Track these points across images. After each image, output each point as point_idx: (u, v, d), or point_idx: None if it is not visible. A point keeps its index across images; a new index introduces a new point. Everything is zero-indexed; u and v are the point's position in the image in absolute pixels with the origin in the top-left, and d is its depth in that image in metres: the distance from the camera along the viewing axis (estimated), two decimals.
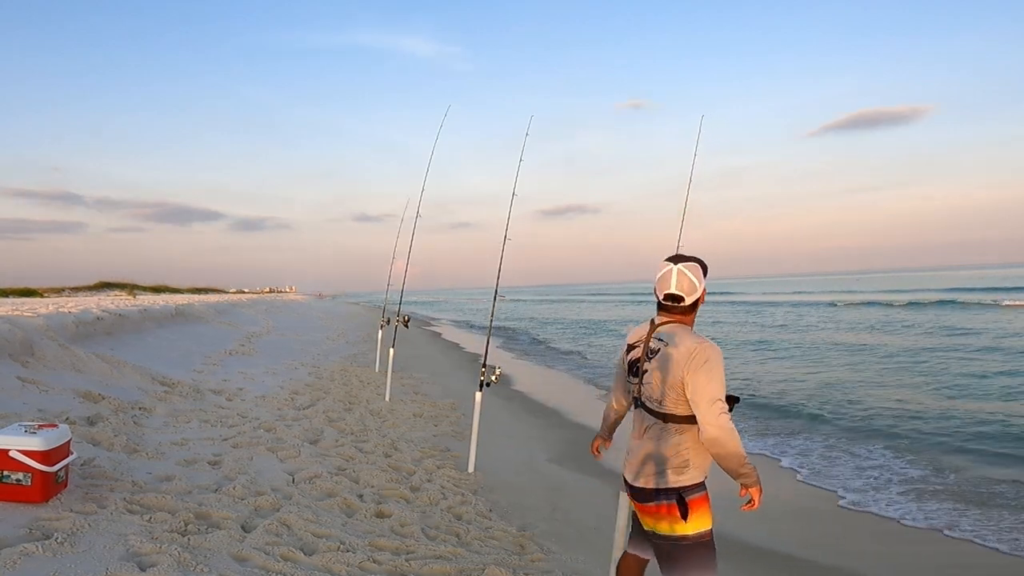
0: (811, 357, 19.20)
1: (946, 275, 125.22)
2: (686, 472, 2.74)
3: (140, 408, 7.27)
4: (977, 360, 16.74)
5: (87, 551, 3.46)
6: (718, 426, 2.61)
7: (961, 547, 5.58)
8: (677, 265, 2.83)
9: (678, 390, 2.70)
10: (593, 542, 4.95)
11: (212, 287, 79.95)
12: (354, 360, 15.32)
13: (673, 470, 2.74)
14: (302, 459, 6.11)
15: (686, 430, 2.73)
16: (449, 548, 4.35)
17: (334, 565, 3.82)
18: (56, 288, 56.87)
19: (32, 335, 8.49)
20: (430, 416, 9.18)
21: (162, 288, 61.42)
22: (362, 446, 6.95)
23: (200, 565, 3.50)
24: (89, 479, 4.63)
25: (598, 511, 5.64)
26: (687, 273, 2.82)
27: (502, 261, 6.85)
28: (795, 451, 8.65)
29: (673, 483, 2.74)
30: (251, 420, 7.61)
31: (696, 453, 2.74)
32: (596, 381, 15.54)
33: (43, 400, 6.65)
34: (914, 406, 11.47)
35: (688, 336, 2.75)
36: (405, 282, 11.52)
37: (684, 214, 4.23)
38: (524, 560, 4.40)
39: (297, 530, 4.29)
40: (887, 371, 15.74)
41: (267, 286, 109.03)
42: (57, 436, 4.10)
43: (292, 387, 10.51)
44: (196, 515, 4.25)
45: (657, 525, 2.79)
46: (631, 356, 2.95)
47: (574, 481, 6.95)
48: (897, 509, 6.44)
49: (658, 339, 2.81)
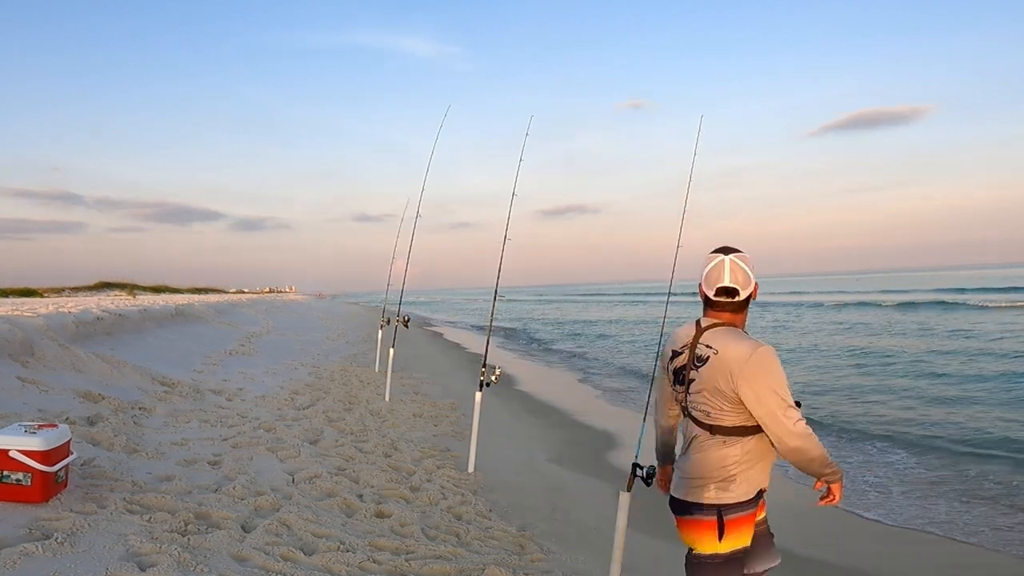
0: (801, 358, 19.19)
1: (946, 275, 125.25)
2: (730, 489, 2.52)
3: (140, 408, 7.27)
4: (976, 361, 16.73)
5: (87, 551, 3.46)
6: (798, 435, 2.38)
7: (961, 547, 5.58)
8: (729, 256, 2.56)
9: (730, 400, 2.48)
10: (593, 542, 4.95)
11: (212, 287, 79.91)
12: (354, 360, 15.32)
13: (717, 485, 2.53)
14: (302, 459, 6.11)
15: (734, 443, 2.52)
16: (449, 548, 4.35)
17: (334, 565, 3.82)
18: (56, 288, 56.84)
19: (32, 335, 8.49)
20: (430, 416, 9.18)
21: (162, 288, 61.39)
22: (362, 446, 6.95)
23: (200, 565, 3.50)
24: (89, 479, 4.63)
25: (598, 511, 5.64)
26: (740, 264, 2.56)
27: (502, 261, 6.86)
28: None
29: (713, 499, 2.53)
30: (251, 420, 7.61)
31: (745, 468, 2.52)
32: (596, 381, 15.54)
33: (43, 400, 6.65)
34: (913, 407, 11.48)
35: (739, 339, 2.51)
36: (405, 282, 11.52)
37: (684, 214, 4.22)
38: (524, 560, 4.40)
39: (297, 530, 4.29)
40: (887, 372, 15.74)
41: (267, 286, 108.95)
42: (57, 436, 4.10)
43: (292, 387, 10.50)
44: (196, 515, 4.25)
45: (695, 542, 2.59)
46: (676, 363, 2.69)
47: (574, 481, 6.95)
48: (897, 509, 6.44)
49: (706, 344, 2.56)
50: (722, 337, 2.54)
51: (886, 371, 15.77)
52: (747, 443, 2.51)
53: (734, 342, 2.50)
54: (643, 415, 3.80)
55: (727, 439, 2.52)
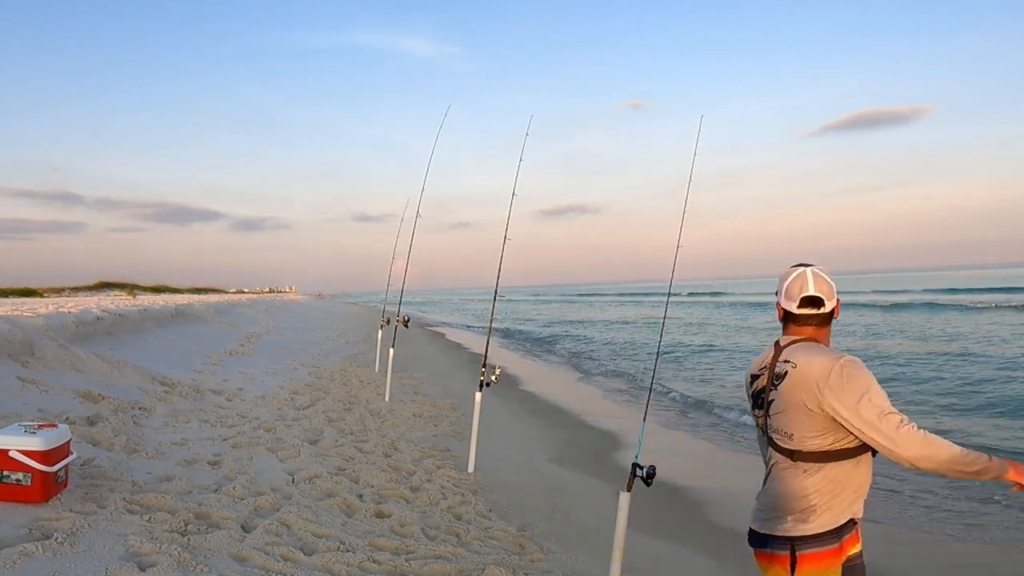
0: None
1: (945, 275, 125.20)
2: (809, 521, 2.30)
3: (140, 408, 7.27)
4: (976, 361, 16.72)
5: (87, 551, 3.46)
6: (907, 442, 2.16)
7: (961, 547, 5.58)
8: (810, 267, 2.45)
9: (814, 420, 2.29)
10: (593, 542, 4.95)
11: (212, 287, 79.94)
12: (354, 360, 15.32)
13: (793, 516, 2.33)
14: (302, 459, 6.11)
15: (816, 471, 2.31)
16: (449, 548, 4.35)
17: (334, 565, 3.82)
18: (56, 288, 56.85)
19: (32, 335, 8.49)
20: (430, 416, 9.18)
21: (162, 288, 61.39)
22: (362, 446, 6.95)
23: (200, 565, 3.51)
24: (89, 479, 4.63)
25: (598, 511, 5.64)
26: (823, 275, 2.43)
27: (502, 261, 6.86)
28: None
29: (788, 531, 2.33)
30: (251, 420, 7.61)
31: (828, 497, 2.31)
32: (596, 381, 15.54)
33: (43, 400, 6.65)
34: (912, 409, 11.47)
35: (821, 352, 2.35)
36: (405, 282, 11.53)
37: (684, 214, 4.22)
38: (524, 560, 4.40)
39: (297, 530, 4.29)
40: (883, 372, 15.74)
41: (267, 286, 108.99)
42: (57, 436, 4.10)
43: (292, 387, 10.51)
44: (196, 515, 4.25)
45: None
46: (755, 386, 2.53)
47: (574, 481, 6.95)
48: (898, 508, 6.44)
49: (784, 360, 2.41)
50: (802, 351, 2.39)
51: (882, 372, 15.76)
52: (830, 470, 2.31)
53: (816, 355, 2.34)
54: (643, 415, 3.80)
55: (808, 467, 2.33)
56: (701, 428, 10.21)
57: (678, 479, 6.95)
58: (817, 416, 2.28)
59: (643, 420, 3.75)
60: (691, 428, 10.23)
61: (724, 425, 10.35)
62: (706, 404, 11.90)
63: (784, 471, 2.39)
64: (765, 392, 2.45)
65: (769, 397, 2.43)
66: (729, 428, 10.13)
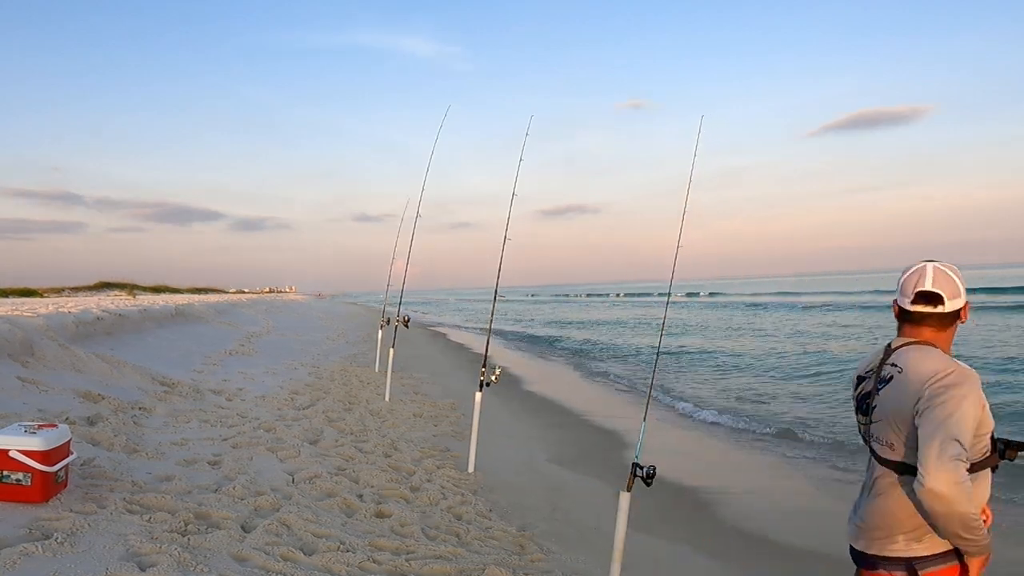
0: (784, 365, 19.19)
1: None
2: (924, 539, 2.10)
3: (140, 408, 7.27)
4: (976, 362, 16.73)
5: (87, 551, 3.46)
6: (944, 479, 1.90)
7: None
8: (933, 262, 2.20)
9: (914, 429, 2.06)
10: (593, 542, 4.95)
11: (212, 287, 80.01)
12: (354, 360, 15.32)
13: (905, 535, 2.13)
14: (302, 459, 6.11)
15: None
16: (449, 548, 4.35)
17: (334, 565, 3.82)
18: (56, 288, 56.89)
19: (32, 335, 8.49)
20: (430, 416, 9.18)
21: (162, 288, 61.43)
22: (362, 446, 6.95)
23: (200, 565, 3.51)
24: (89, 479, 4.63)
25: (598, 511, 5.63)
26: (947, 271, 2.17)
27: (502, 261, 6.86)
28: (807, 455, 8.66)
29: (902, 552, 2.13)
30: (251, 420, 7.61)
31: None
32: (596, 381, 15.54)
33: (43, 400, 6.65)
34: None
35: (933, 356, 2.10)
36: (405, 282, 11.53)
37: (684, 214, 4.23)
38: (524, 560, 4.40)
39: (297, 530, 4.29)
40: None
41: (267, 286, 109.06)
42: (57, 436, 4.10)
43: (292, 387, 10.51)
44: (196, 515, 4.25)
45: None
46: (861, 389, 2.32)
47: (574, 481, 6.95)
48: None
49: (891, 363, 2.19)
50: (912, 354, 2.14)
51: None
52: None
53: (927, 360, 2.09)
54: (643, 415, 3.80)
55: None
56: (702, 428, 10.22)
57: (678, 479, 6.95)
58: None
59: (643, 420, 3.75)
60: (691, 428, 10.24)
61: (724, 425, 10.37)
62: (707, 404, 11.92)
63: (889, 485, 2.17)
64: (870, 397, 2.24)
65: (872, 403, 2.23)
66: (729, 428, 10.14)
